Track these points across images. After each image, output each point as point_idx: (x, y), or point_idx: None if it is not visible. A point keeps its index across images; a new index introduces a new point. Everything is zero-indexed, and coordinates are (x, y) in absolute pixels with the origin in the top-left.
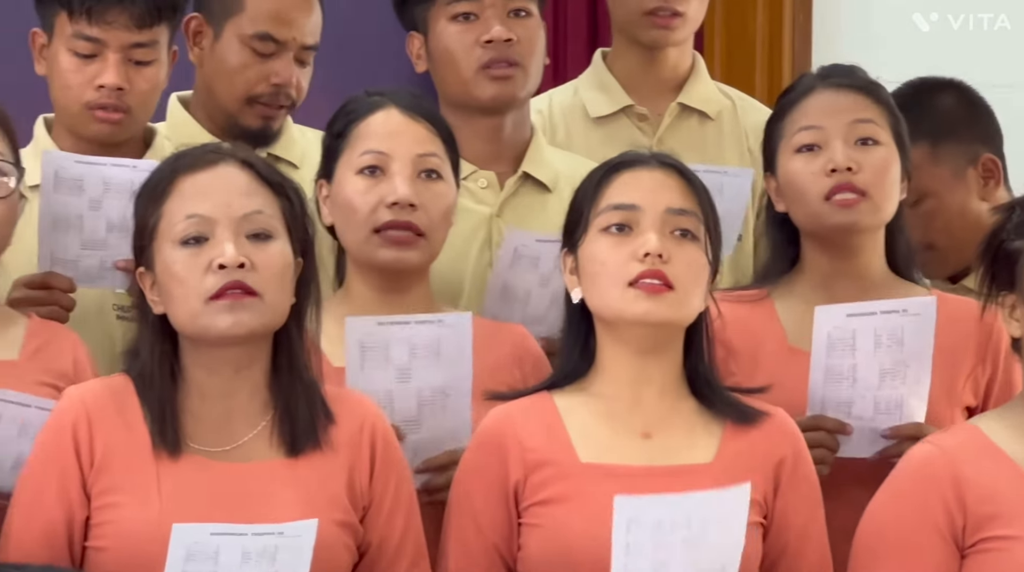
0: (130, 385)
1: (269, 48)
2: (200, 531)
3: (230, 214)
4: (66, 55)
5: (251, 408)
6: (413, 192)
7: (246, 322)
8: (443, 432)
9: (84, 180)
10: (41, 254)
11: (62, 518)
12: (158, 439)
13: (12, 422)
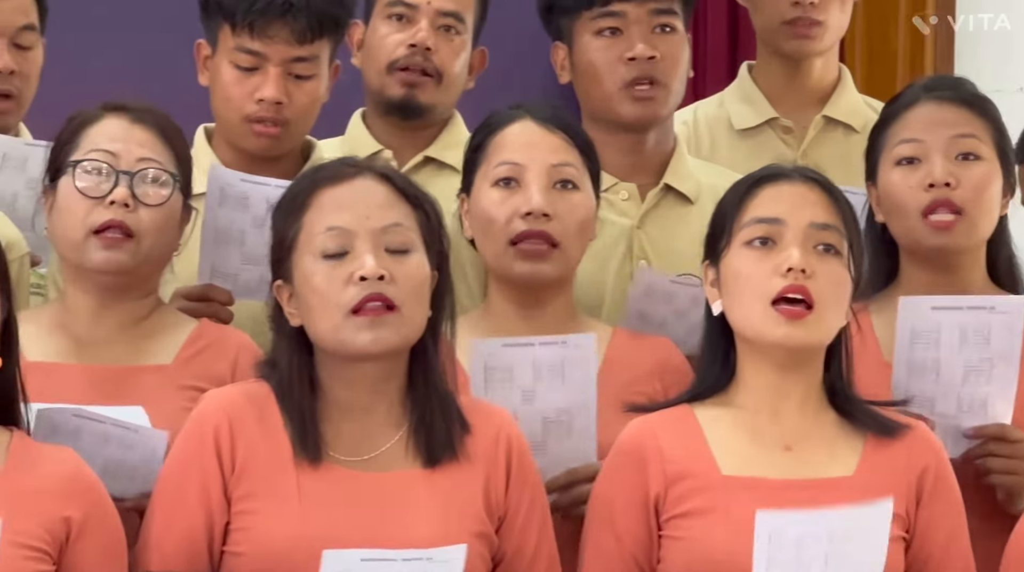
0: (270, 392)
1: (401, 11)
2: (351, 557)
3: (369, 226)
4: (228, 68)
5: (388, 419)
6: (547, 202)
7: (385, 339)
8: (568, 454)
9: (249, 198)
10: (202, 266)
11: (203, 523)
12: (299, 448)
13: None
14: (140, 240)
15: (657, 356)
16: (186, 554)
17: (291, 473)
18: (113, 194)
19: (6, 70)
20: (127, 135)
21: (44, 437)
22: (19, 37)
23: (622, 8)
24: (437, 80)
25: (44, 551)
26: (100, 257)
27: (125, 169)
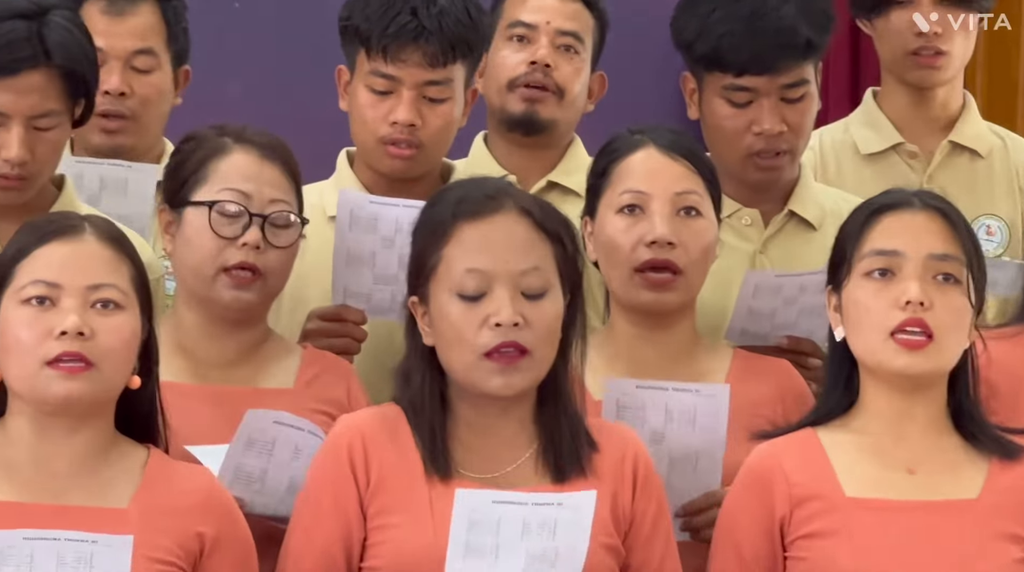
0: (401, 414)
1: (521, 31)
2: (483, 498)
3: (508, 270)
4: (364, 91)
5: (518, 439)
6: (672, 230)
7: (516, 384)
8: (692, 491)
9: (378, 219)
10: (335, 287)
11: (340, 538)
12: (430, 465)
13: (287, 446)
14: (267, 279)
15: (778, 380)
16: (324, 570)
17: (423, 489)
18: (246, 237)
19: (116, 92)
20: (258, 174)
21: (241, 450)
22: (135, 60)
23: (753, 83)
24: (558, 96)
25: (178, 566)
26: (230, 295)
27: (258, 211)
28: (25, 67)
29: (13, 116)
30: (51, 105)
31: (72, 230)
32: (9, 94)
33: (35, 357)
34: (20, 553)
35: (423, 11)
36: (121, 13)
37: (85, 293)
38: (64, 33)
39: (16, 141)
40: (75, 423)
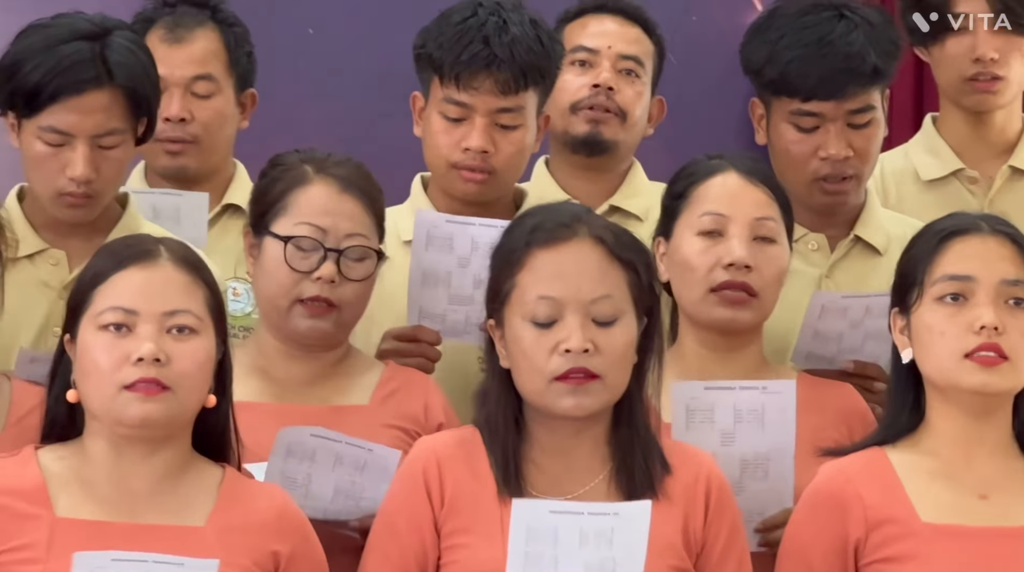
0: (477, 436)
1: (584, 56)
2: (540, 507)
3: (580, 298)
4: (437, 118)
5: (592, 461)
6: (749, 254)
7: (587, 406)
8: (765, 495)
9: (454, 239)
10: (410, 308)
11: (415, 557)
12: (502, 485)
13: (328, 454)
14: (342, 310)
15: (842, 402)
16: None
17: (495, 510)
18: (320, 271)
19: (176, 118)
20: (337, 207)
21: (282, 458)
22: (194, 86)
23: (820, 109)
24: (621, 119)
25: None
26: (304, 325)
27: (333, 246)
28: (89, 88)
29: (78, 135)
30: (115, 124)
31: (148, 255)
32: (74, 114)
33: (112, 382)
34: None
35: (495, 40)
36: (179, 40)
37: (161, 319)
38: (126, 54)
39: (81, 160)
40: (153, 444)
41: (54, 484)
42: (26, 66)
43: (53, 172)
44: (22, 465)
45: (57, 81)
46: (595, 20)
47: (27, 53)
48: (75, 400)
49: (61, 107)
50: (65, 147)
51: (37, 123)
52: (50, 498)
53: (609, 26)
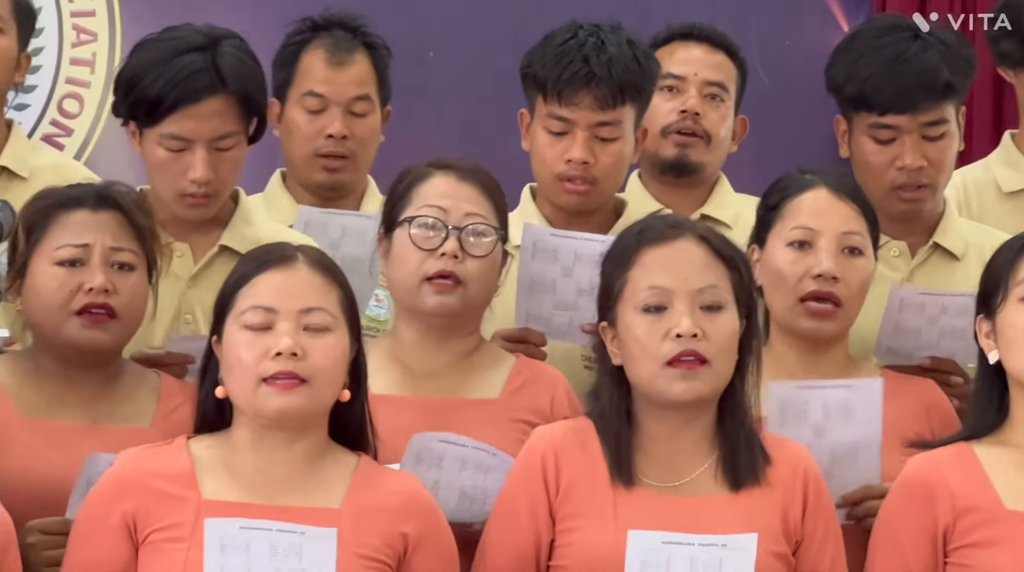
0: (590, 426)
1: (672, 83)
2: (653, 539)
3: (687, 287)
4: (542, 132)
5: (698, 450)
6: (837, 266)
7: (697, 389)
8: (853, 484)
9: (558, 251)
10: (518, 312)
11: (531, 539)
12: (615, 473)
13: (454, 460)
14: (467, 286)
15: (925, 397)
16: (516, 568)
17: (608, 496)
18: (444, 246)
19: (339, 135)
20: (455, 191)
21: (412, 465)
22: (353, 106)
23: (896, 122)
24: (706, 141)
25: (385, 563)
26: (433, 302)
27: (455, 224)
28: (205, 96)
29: (197, 140)
30: (229, 127)
31: (287, 259)
32: (192, 121)
33: (253, 375)
34: (238, 542)
35: (594, 59)
36: (342, 63)
37: (298, 317)
38: (236, 62)
39: (200, 163)
40: (292, 434)
41: (202, 469)
42: (145, 79)
43: (175, 175)
44: (174, 452)
45: (176, 92)
46: (682, 47)
47: (145, 67)
48: (223, 396)
49: (180, 115)
50: (185, 152)
51: (158, 131)
52: (197, 482)
53: (695, 53)
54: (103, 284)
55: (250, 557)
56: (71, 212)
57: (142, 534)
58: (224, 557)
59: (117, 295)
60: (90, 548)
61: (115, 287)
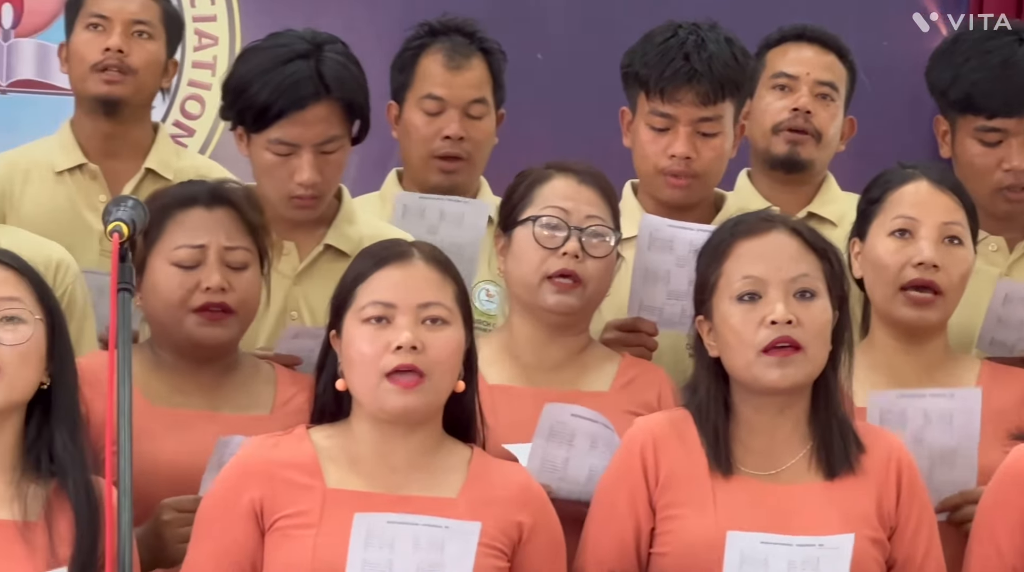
0: (688, 417)
1: (784, 82)
2: (751, 539)
3: (781, 276)
4: (645, 129)
5: (793, 439)
6: (937, 255)
7: (791, 376)
8: (950, 487)
9: (674, 241)
10: (632, 301)
11: (632, 528)
12: (713, 463)
13: (585, 437)
14: (586, 286)
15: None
16: (618, 556)
17: (707, 485)
18: (566, 246)
19: (456, 137)
20: (576, 194)
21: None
22: (470, 109)
23: (1003, 125)
24: (816, 139)
25: (502, 550)
26: (553, 300)
27: (576, 224)
28: (310, 102)
29: (303, 145)
30: (334, 131)
31: (403, 255)
32: (298, 126)
33: (375, 369)
34: (383, 535)
35: (695, 56)
36: (459, 67)
37: (416, 311)
38: (339, 68)
39: (308, 166)
40: (410, 426)
41: (325, 459)
42: (252, 87)
43: (283, 179)
44: (297, 442)
45: (282, 100)
46: (794, 47)
47: (252, 75)
48: (343, 388)
49: (287, 122)
50: (292, 156)
51: (266, 137)
52: (322, 471)
53: (807, 53)
54: (219, 283)
55: (394, 551)
56: (186, 211)
57: (269, 520)
58: (367, 551)
59: (233, 292)
60: (218, 533)
61: (230, 285)
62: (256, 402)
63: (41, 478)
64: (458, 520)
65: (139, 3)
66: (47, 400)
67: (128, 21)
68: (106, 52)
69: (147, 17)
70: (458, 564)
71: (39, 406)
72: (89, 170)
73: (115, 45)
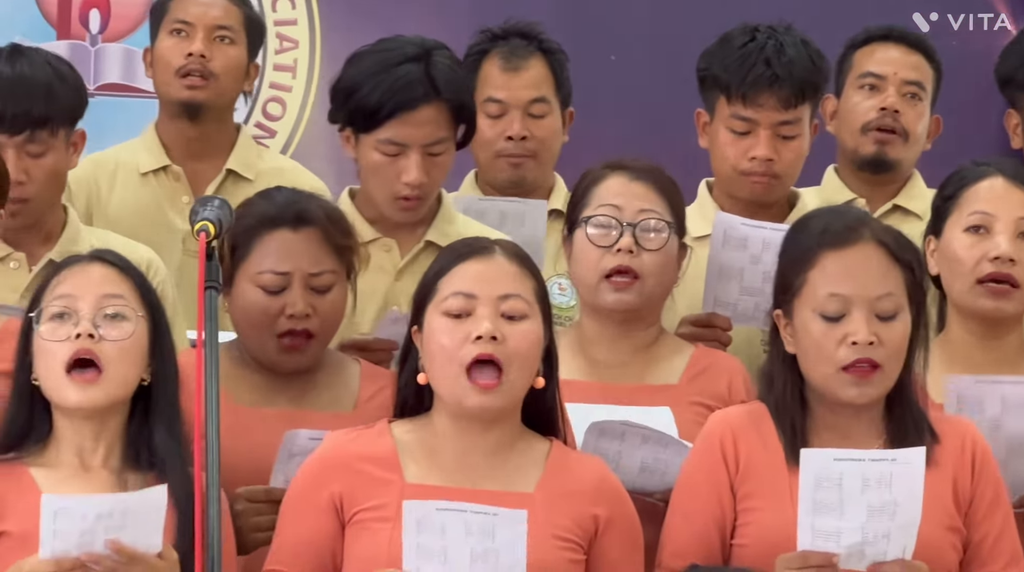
0: (765, 410)
1: (872, 82)
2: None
3: (866, 295)
4: (725, 132)
5: (868, 433)
6: (1014, 249)
7: (869, 395)
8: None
9: (748, 239)
10: (706, 297)
11: (714, 519)
12: (790, 456)
13: (635, 435)
14: (644, 280)
15: None
16: (700, 547)
17: (784, 477)
18: (619, 243)
19: (518, 137)
20: (628, 190)
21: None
22: (531, 108)
23: None
24: (904, 138)
25: (577, 543)
26: (612, 298)
27: (628, 220)
28: (420, 104)
29: (411, 146)
30: (442, 133)
31: (484, 250)
32: (407, 127)
33: (455, 361)
34: (434, 523)
35: (775, 61)
36: (517, 68)
37: (496, 302)
38: (448, 71)
39: (415, 167)
40: (489, 421)
41: (404, 453)
42: (363, 88)
43: (390, 179)
44: (378, 436)
45: (393, 101)
46: (881, 48)
47: (363, 77)
48: (424, 382)
49: (396, 122)
50: (399, 156)
51: (375, 137)
52: (401, 466)
53: (894, 54)
54: (303, 310)
55: (445, 536)
56: (272, 232)
57: (348, 513)
58: (420, 536)
59: (316, 317)
60: (300, 525)
61: (314, 309)
62: (340, 400)
63: (141, 471)
64: (507, 508)
65: (221, 8)
66: (148, 396)
67: (211, 27)
68: (189, 57)
69: (229, 22)
70: (510, 549)
71: (141, 402)
72: (173, 171)
73: (198, 50)
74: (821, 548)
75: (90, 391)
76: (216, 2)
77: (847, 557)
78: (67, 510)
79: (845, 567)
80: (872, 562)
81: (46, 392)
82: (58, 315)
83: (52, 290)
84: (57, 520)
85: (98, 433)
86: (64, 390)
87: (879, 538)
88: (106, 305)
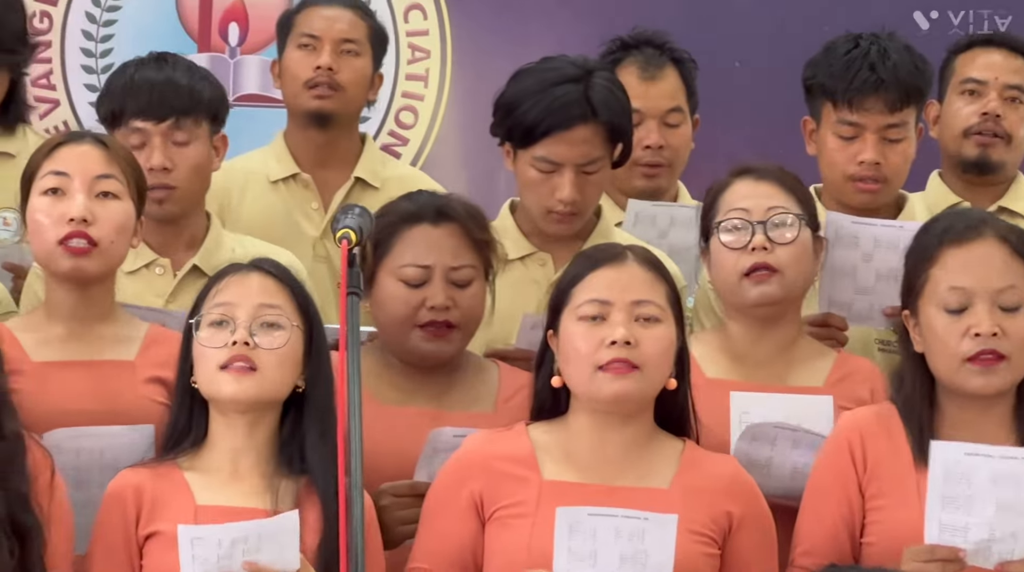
0: (893, 411)
1: (973, 87)
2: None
3: (988, 287)
4: (832, 138)
5: (998, 434)
6: None
7: (994, 385)
8: None
9: (859, 238)
10: (821, 297)
11: (845, 517)
12: (918, 455)
13: (786, 440)
14: (783, 273)
15: None
16: (830, 546)
17: (911, 476)
18: (752, 242)
19: (655, 146)
20: (755, 191)
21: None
22: (668, 118)
23: None
24: (1006, 142)
25: (712, 539)
26: (755, 293)
27: (758, 219)
28: (576, 123)
29: (566, 164)
30: (597, 153)
31: (618, 257)
32: (563, 146)
33: (590, 363)
34: (585, 527)
35: (880, 66)
36: (653, 78)
37: (630, 308)
38: (606, 93)
39: (568, 185)
40: (624, 418)
41: (541, 452)
42: (523, 106)
43: (544, 194)
44: (516, 437)
45: (550, 119)
46: (983, 53)
47: (523, 94)
48: (559, 385)
49: (552, 140)
50: (554, 174)
51: (531, 154)
52: (538, 464)
53: (995, 58)
54: (444, 302)
55: (597, 541)
56: (412, 227)
57: (488, 511)
58: (572, 540)
59: (456, 309)
60: (442, 523)
61: (455, 302)
62: (480, 400)
63: (292, 474)
64: (657, 512)
65: (347, 22)
66: (302, 402)
67: (337, 40)
68: (317, 70)
69: (355, 35)
70: (660, 552)
71: (294, 407)
72: (302, 179)
73: (325, 63)
74: (948, 543)
75: (244, 382)
76: (342, 15)
77: (974, 554)
78: (202, 540)
79: (973, 564)
80: (1000, 560)
81: (203, 391)
82: (217, 322)
83: (212, 298)
84: (194, 548)
85: (250, 433)
86: (219, 384)
87: (1007, 536)
88: (262, 314)
